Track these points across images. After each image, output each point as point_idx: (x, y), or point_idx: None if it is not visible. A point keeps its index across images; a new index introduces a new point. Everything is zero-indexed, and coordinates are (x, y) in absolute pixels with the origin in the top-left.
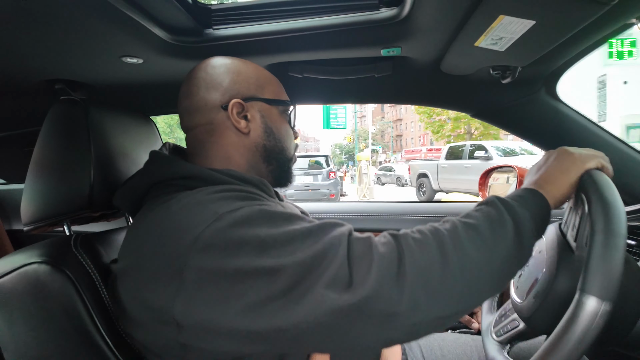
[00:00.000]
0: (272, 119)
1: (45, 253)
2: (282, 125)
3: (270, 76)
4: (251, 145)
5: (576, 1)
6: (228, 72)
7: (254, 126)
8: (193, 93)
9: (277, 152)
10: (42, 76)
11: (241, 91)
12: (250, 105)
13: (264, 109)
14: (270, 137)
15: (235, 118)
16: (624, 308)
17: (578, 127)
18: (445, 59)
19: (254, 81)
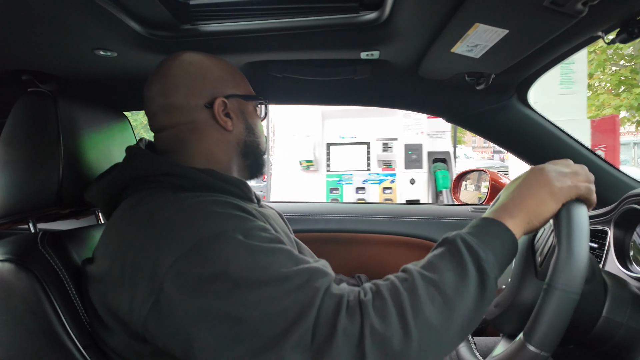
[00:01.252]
0: (250, 115)
1: (10, 251)
2: (257, 120)
3: (240, 72)
4: (233, 142)
5: (546, 13)
6: (207, 69)
7: (237, 123)
8: (171, 91)
9: (254, 146)
10: (8, 66)
11: (222, 89)
12: (230, 102)
13: (242, 105)
14: (251, 133)
15: (222, 117)
16: (585, 309)
17: (547, 134)
18: (423, 64)
19: (230, 78)
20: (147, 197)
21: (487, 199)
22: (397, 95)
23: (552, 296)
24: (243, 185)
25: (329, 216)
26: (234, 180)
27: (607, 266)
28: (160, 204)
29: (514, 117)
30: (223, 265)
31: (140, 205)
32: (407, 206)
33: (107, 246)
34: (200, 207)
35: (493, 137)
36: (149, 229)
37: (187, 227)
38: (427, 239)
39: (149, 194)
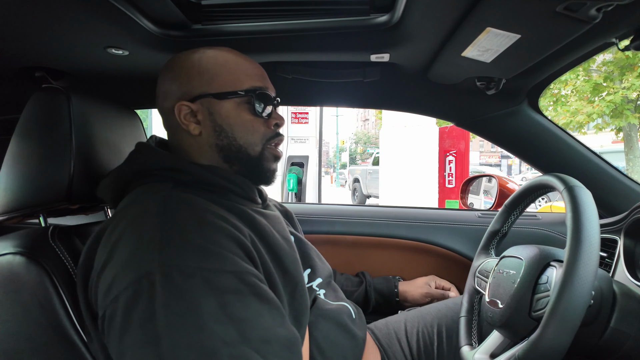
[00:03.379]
0: (223, 115)
1: (21, 244)
2: (238, 119)
3: (224, 64)
4: (205, 146)
5: (559, 19)
6: (174, 72)
7: (204, 126)
8: (158, 96)
9: (234, 151)
10: (23, 63)
11: (187, 91)
12: (199, 104)
13: (212, 105)
14: (222, 135)
15: (183, 121)
16: (594, 323)
17: (557, 141)
18: (433, 68)
19: (198, 76)
20: (141, 197)
21: (495, 205)
22: (406, 98)
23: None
24: (245, 184)
25: (334, 218)
26: (236, 179)
27: (617, 276)
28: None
29: (524, 122)
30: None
31: (133, 205)
32: (413, 210)
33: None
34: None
35: (502, 143)
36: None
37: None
38: (433, 244)
39: (146, 192)
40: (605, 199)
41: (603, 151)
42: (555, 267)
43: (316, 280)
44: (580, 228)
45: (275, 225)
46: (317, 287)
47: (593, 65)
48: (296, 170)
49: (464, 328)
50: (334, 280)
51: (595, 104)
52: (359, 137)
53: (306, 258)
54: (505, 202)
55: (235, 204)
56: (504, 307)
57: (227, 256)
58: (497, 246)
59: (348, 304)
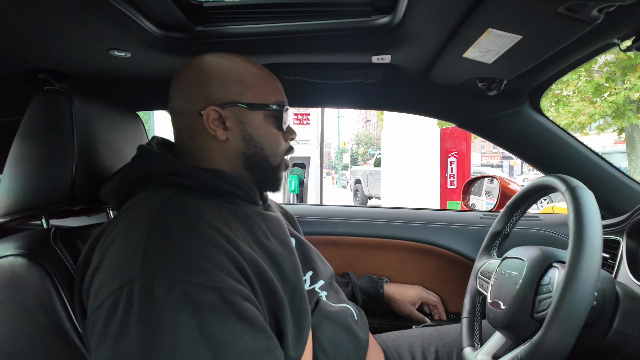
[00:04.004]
0: (254, 125)
1: (23, 245)
2: (267, 131)
3: (256, 76)
4: (232, 153)
5: (561, 19)
6: (207, 75)
7: (232, 133)
8: (175, 96)
9: (259, 160)
10: (25, 65)
11: (219, 97)
12: (229, 111)
13: (243, 114)
14: (251, 144)
15: (210, 126)
16: (597, 324)
17: (559, 142)
18: (434, 69)
19: (233, 84)
20: (141, 201)
21: (497, 206)
22: (408, 99)
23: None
24: (247, 187)
25: (336, 219)
26: (238, 182)
27: (619, 277)
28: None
29: (526, 123)
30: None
31: (132, 209)
32: (415, 211)
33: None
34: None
35: (504, 144)
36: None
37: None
38: (435, 245)
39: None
40: (607, 200)
41: (605, 152)
42: (557, 268)
43: (318, 283)
44: (583, 229)
45: (275, 228)
46: (319, 290)
47: (595, 65)
48: (298, 171)
49: (466, 329)
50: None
51: (597, 104)
52: (361, 138)
53: (307, 260)
54: (507, 203)
55: (239, 207)
56: (506, 308)
57: (212, 271)
58: (499, 247)
59: (350, 306)
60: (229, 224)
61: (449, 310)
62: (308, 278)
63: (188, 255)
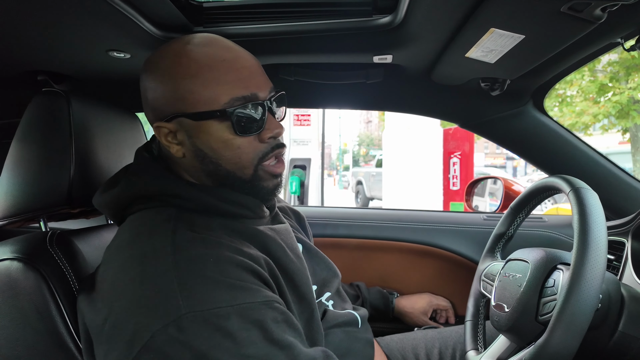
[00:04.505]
0: (203, 137)
1: (19, 249)
2: (220, 142)
3: (195, 74)
4: (193, 170)
5: (564, 19)
6: (150, 78)
7: (186, 149)
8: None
9: (223, 176)
10: (24, 67)
11: (164, 108)
12: (176, 123)
13: (190, 126)
14: (205, 160)
15: (164, 142)
16: (602, 326)
17: (563, 142)
18: (436, 69)
19: (170, 90)
20: (146, 228)
21: (501, 207)
22: (410, 100)
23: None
24: (252, 203)
25: (338, 221)
26: (242, 200)
27: (625, 279)
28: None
29: (530, 124)
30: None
31: (138, 239)
32: (417, 213)
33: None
34: (196, 266)
35: (507, 144)
36: (137, 286)
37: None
38: (438, 247)
39: (150, 222)
40: (612, 201)
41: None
42: (562, 271)
43: (325, 295)
44: (587, 230)
45: (286, 240)
46: (326, 301)
47: (598, 65)
48: (298, 172)
49: (470, 333)
50: None
51: (601, 104)
52: (362, 139)
53: (315, 272)
54: (511, 205)
55: (247, 226)
56: (510, 311)
57: (253, 288)
58: (503, 249)
59: (354, 312)
60: (242, 243)
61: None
62: (314, 291)
63: (225, 280)
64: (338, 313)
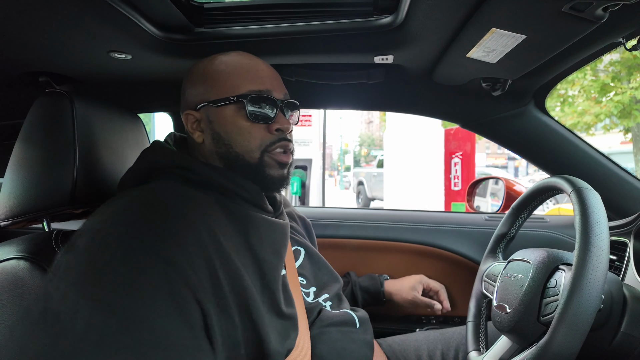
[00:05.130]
0: (221, 122)
1: (25, 249)
2: (235, 126)
3: (224, 70)
4: (209, 154)
5: (565, 19)
6: (187, 80)
7: (205, 134)
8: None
9: (232, 158)
10: (26, 68)
11: (192, 99)
12: (202, 112)
13: (212, 112)
14: (220, 143)
15: (189, 129)
16: (604, 327)
17: (565, 142)
18: (438, 69)
19: (201, 84)
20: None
21: (502, 208)
22: (411, 100)
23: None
24: (254, 191)
25: (339, 222)
26: (245, 184)
27: (627, 279)
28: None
29: (531, 124)
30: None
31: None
32: (418, 213)
33: None
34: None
35: (509, 145)
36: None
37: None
38: (439, 248)
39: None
40: (614, 201)
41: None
42: (564, 271)
43: (323, 296)
44: (589, 231)
45: (273, 235)
46: (323, 302)
47: (600, 65)
48: (300, 173)
49: (472, 333)
50: None
51: (602, 104)
52: (363, 140)
53: (315, 276)
54: (513, 205)
55: (240, 208)
56: (512, 311)
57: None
58: (505, 250)
59: (351, 312)
60: (220, 220)
61: (454, 314)
62: (312, 292)
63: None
64: (333, 313)
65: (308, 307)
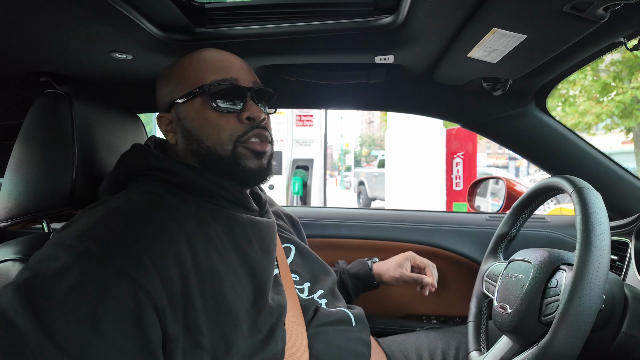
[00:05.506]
0: (189, 117)
1: (22, 250)
2: (202, 120)
3: (186, 67)
4: (184, 154)
5: (566, 18)
6: (157, 84)
7: (177, 134)
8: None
9: (204, 154)
10: (27, 68)
11: (163, 102)
12: (172, 112)
13: (180, 110)
14: (190, 139)
15: (164, 132)
16: (605, 327)
17: (566, 142)
18: (438, 69)
19: (167, 84)
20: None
21: (503, 208)
22: (412, 100)
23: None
24: (235, 190)
25: (340, 222)
26: (224, 183)
27: (628, 279)
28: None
29: (532, 124)
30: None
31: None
32: (419, 213)
33: None
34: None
35: (510, 144)
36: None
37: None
38: (440, 248)
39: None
40: (615, 201)
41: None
42: (565, 271)
43: (317, 292)
44: (590, 231)
45: (262, 235)
46: (318, 299)
47: (601, 65)
48: (301, 173)
49: (472, 333)
50: None
51: (604, 104)
52: (364, 140)
53: (308, 270)
54: (513, 205)
55: (223, 210)
56: (513, 311)
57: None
58: (506, 249)
59: (347, 310)
60: (204, 224)
61: (455, 314)
62: (306, 288)
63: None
64: (329, 311)
65: (304, 304)
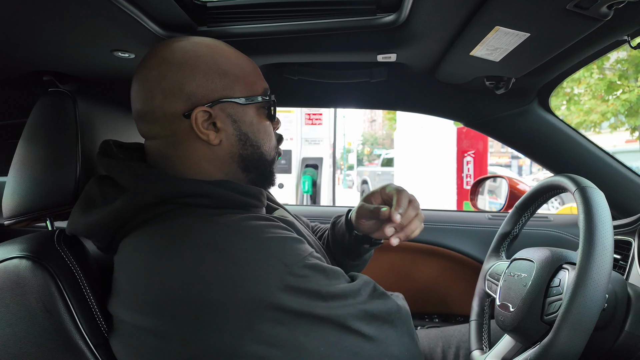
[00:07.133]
0: (247, 122)
1: (27, 248)
2: (260, 126)
3: (242, 64)
4: (225, 157)
5: (569, 16)
6: (187, 70)
7: (226, 135)
8: (147, 98)
9: (256, 159)
10: (30, 67)
11: (206, 94)
12: (219, 109)
13: (236, 111)
14: (247, 144)
15: (200, 130)
16: (608, 327)
17: (569, 141)
18: (441, 67)
19: (218, 77)
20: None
21: (506, 207)
22: (414, 98)
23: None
24: (260, 194)
25: None
26: (252, 190)
27: (631, 278)
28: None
29: (535, 122)
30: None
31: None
32: (422, 212)
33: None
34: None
35: (513, 143)
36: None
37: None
38: (443, 246)
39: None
40: (618, 200)
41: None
42: (567, 270)
43: None
44: (593, 230)
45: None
46: None
47: (607, 63)
48: (311, 172)
49: (475, 332)
50: None
51: (609, 102)
52: (366, 138)
53: None
54: (516, 204)
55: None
56: (515, 310)
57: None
58: (508, 248)
59: None
60: None
61: (456, 312)
62: None
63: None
64: None
65: None
